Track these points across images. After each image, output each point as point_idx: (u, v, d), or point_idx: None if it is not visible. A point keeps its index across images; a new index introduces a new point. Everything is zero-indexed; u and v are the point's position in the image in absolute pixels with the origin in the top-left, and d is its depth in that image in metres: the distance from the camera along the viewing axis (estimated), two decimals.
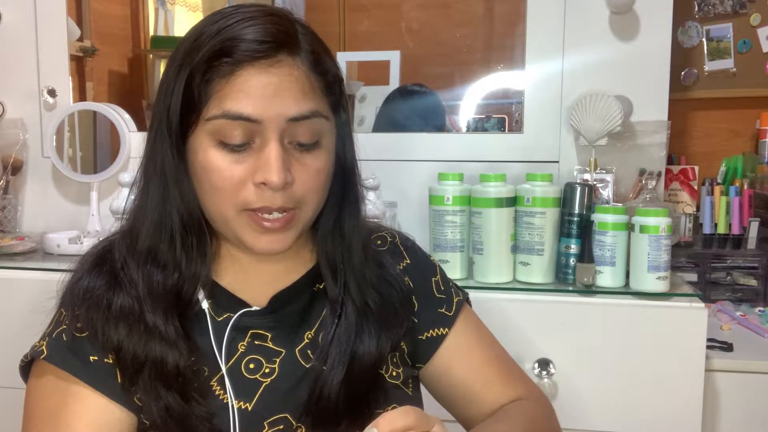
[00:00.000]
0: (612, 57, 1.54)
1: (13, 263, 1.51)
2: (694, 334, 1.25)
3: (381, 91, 2.11)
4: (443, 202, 1.40)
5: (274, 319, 0.83)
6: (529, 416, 0.87)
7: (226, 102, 0.73)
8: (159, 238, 0.78)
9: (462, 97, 2.10)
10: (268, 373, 0.81)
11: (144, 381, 0.76)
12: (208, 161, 0.75)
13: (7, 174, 1.74)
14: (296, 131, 0.75)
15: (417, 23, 2.28)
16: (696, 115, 2.00)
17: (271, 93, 0.73)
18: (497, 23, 2.25)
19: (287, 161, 0.75)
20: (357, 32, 2.30)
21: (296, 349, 0.82)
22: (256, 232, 0.77)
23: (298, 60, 0.75)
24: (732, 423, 1.36)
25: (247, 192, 0.75)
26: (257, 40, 0.73)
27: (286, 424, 0.79)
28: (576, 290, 1.33)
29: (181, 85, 0.75)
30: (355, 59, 2.24)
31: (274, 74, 0.73)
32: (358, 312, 0.83)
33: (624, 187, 1.51)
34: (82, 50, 1.94)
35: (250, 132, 0.74)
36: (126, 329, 0.76)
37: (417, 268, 0.93)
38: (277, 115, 0.73)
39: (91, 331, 0.77)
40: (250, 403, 0.79)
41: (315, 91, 0.76)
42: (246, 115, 0.73)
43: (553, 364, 1.28)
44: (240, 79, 0.73)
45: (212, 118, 0.74)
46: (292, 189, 0.76)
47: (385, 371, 0.85)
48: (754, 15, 1.93)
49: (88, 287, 0.79)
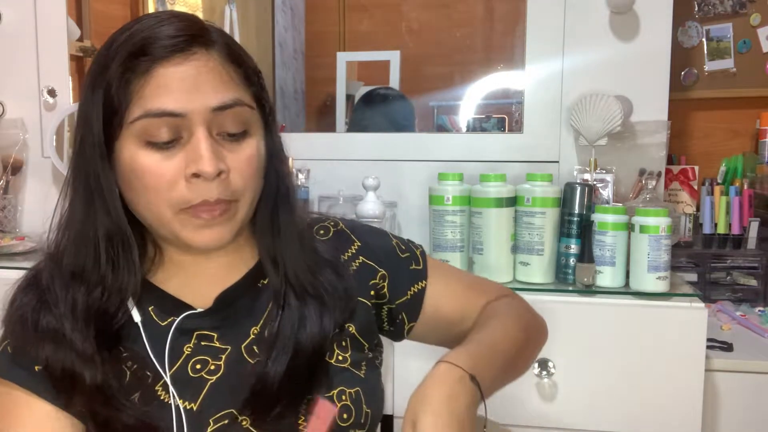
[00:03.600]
0: (612, 57, 1.54)
1: (13, 263, 1.51)
2: (694, 334, 1.25)
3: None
4: (443, 202, 1.40)
5: (220, 319, 0.83)
6: (513, 305, 0.96)
7: (146, 101, 0.73)
8: (83, 254, 0.78)
9: (462, 97, 2.10)
10: (213, 370, 0.81)
11: (75, 395, 0.76)
12: (137, 163, 0.75)
13: (7, 174, 1.74)
14: (223, 122, 0.76)
15: (417, 23, 2.28)
16: (696, 115, 2.00)
17: (190, 86, 0.74)
18: (497, 23, 2.25)
19: (218, 152, 0.75)
20: (357, 32, 2.31)
21: (242, 346, 0.82)
22: (195, 227, 0.77)
23: (213, 52, 0.76)
24: (732, 423, 1.36)
25: (180, 189, 0.75)
26: (170, 36, 0.74)
27: (230, 419, 0.79)
28: (576, 290, 1.33)
29: (99, 97, 0.75)
30: (355, 59, 2.24)
31: (191, 66, 0.74)
32: (298, 299, 0.83)
33: (624, 187, 1.51)
34: (82, 50, 1.93)
35: (176, 127, 0.74)
36: (51, 348, 0.76)
37: (372, 244, 0.94)
38: (199, 106, 0.74)
39: (23, 349, 0.78)
40: (195, 403, 0.79)
41: (234, 81, 0.77)
42: (169, 110, 0.73)
43: (553, 364, 1.28)
44: (157, 75, 0.73)
45: (135, 119, 0.74)
46: (228, 180, 0.76)
47: (329, 357, 0.85)
48: (754, 15, 1.93)
49: (18, 306, 0.80)
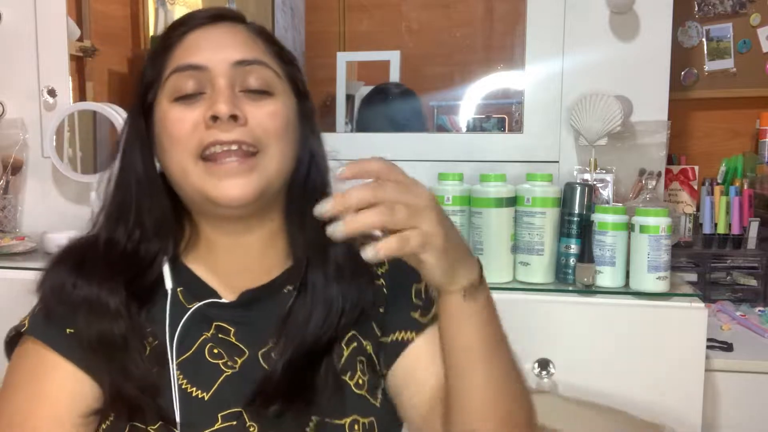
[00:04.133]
0: (612, 57, 1.54)
1: (13, 263, 1.51)
2: (694, 334, 1.25)
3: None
4: (443, 202, 1.40)
5: (240, 315, 0.83)
6: None
7: (177, 60, 0.81)
8: (120, 196, 0.84)
9: (462, 97, 2.10)
10: (230, 365, 0.81)
11: (101, 359, 0.78)
12: (166, 118, 0.80)
13: (7, 174, 1.74)
14: (245, 78, 0.79)
15: (417, 23, 2.28)
16: (696, 115, 2.00)
17: (215, 44, 0.81)
18: (497, 23, 2.25)
19: (237, 100, 0.78)
20: (357, 32, 2.31)
21: (259, 353, 0.82)
22: (215, 178, 0.77)
23: (242, 26, 0.84)
24: (732, 423, 1.36)
25: (199, 133, 0.77)
26: (206, 12, 0.84)
27: (239, 420, 0.78)
28: (576, 290, 1.33)
29: (146, 69, 0.83)
30: (355, 59, 2.24)
31: (219, 30, 0.82)
32: (313, 297, 0.82)
33: (624, 187, 1.51)
34: (82, 50, 1.93)
35: (200, 81, 0.79)
36: (85, 313, 0.78)
37: (396, 273, 0.89)
38: (222, 59, 0.79)
39: (57, 312, 0.80)
40: (207, 393, 0.79)
41: (260, 47, 0.83)
42: (193, 63, 0.79)
43: (553, 364, 1.28)
44: (189, 38, 0.81)
45: (167, 77, 0.80)
46: (247, 127, 0.78)
47: (350, 377, 0.83)
48: (754, 15, 1.93)
49: (55, 272, 0.83)
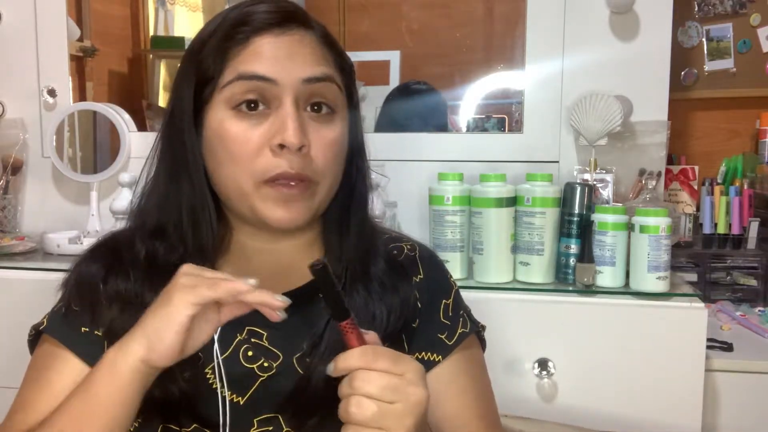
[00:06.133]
0: (612, 57, 1.54)
1: (13, 263, 1.51)
2: (694, 334, 1.25)
3: (381, 91, 2.11)
4: (443, 202, 1.40)
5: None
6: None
7: (240, 66, 0.76)
8: (165, 217, 0.80)
9: (462, 97, 2.10)
10: (267, 368, 0.79)
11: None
12: (224, 129, 0.76)
13: (7, 174, 1.74)
14: (311, 95, 0.77)
15: (417, 23, 2.28)
16: (696, 115, 2.00)
17: (284, 55, 0.76)
18: (497, 23, 2.25)
19: (303, 124, 0.75)
20: (357, 32, 2.30)
21: (294, 357, 0.80)
22: (274, 202, 0.76)
23: (311, 31, 0.79)
24: (732, 423, 1.36)
25: (264, 159, 0.75)
26: (270, 11, 0.77)
27: (275, 426, 0.77)
28: (576, 290, 1.33)
29: (193, 67, 0.77)
30: (355, 59, 2.22)
31: (287, 39, 0.77)
32: (365, 313, 0.80)
33: (624, 187, 1.51)
34: (82, 50, 1.94)
35: (265, 94, 0.76)
36: (119, 308, 0.77)
37: (428, 286, 0.87)
38: (291, 75, 0.75)
39: (85, 308, 0.79)
40: (242, 397, 0.78)
41: (327, 60, 0.79)
42: (261, 74, 0.75)
43: (553, 364, 1.28)
44: (254, 44, 0.76)
45: (228, 83, 0.76)
46: (309, 156, 0.76)
47: None
48: (754, 15, 1.93)
49: (86, 268, 0.82)
